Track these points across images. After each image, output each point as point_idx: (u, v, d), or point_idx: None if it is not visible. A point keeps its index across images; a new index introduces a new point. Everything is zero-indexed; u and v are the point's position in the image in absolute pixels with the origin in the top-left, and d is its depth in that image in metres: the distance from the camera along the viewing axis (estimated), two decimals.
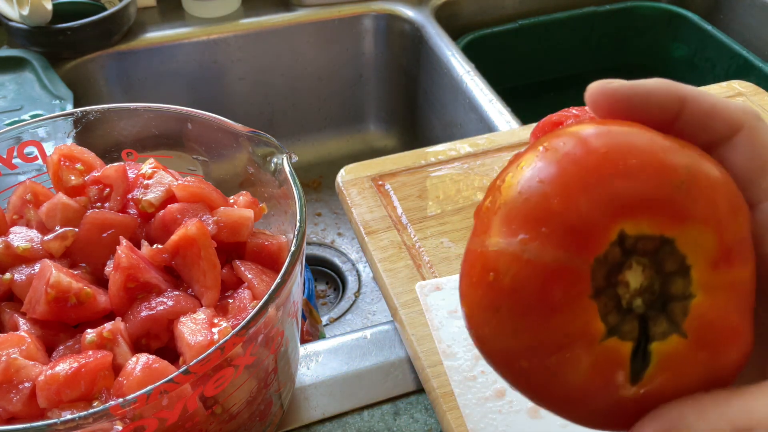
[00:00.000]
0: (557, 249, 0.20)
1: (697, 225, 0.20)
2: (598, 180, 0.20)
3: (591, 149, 0.20)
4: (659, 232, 0.20)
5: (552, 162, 0.21)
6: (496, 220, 0.21)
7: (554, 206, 0.20)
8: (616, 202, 0.19)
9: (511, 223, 0.21)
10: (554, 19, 1.00)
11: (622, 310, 0.20)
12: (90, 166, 0.44)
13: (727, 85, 0.72)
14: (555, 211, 0.20)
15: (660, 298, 0.20)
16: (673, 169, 0.20)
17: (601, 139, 0.21)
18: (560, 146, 0.21)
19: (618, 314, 0.20)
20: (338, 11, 0.95)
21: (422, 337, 0.47)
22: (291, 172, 0.41)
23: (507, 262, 0.20)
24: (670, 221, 0.20)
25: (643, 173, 0.20)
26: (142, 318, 0.36)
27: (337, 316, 0.82)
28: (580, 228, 0.20)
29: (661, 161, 0.20)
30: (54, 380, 0.33)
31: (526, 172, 0.21)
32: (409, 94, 1.01)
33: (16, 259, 0.39)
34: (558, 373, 0.20)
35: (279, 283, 0.34)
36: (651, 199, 0.19)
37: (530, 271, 0.20)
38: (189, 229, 0.38)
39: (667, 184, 0.20)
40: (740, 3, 1.00)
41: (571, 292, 0.20)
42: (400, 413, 0.46)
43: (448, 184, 0.60)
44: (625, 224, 0.20)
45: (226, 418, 0.36)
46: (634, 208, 0.19)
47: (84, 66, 0.85)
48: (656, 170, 0.20)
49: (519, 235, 0.20)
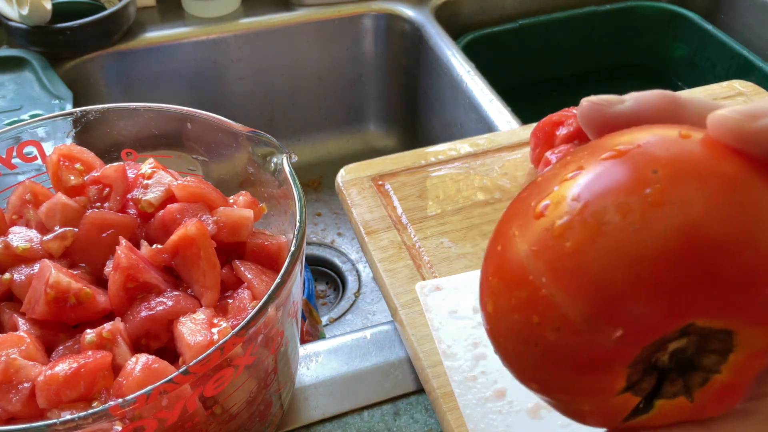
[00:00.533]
0: (618, 329, 0.18)
1: (763, 327, 0.19)
2: (680, 277, 0.18)
3: (699, 227, 0.18)
4: (726, 327, 0.19)
5: (648, 236, 0.18)
6: (561, 265, 0.19)
7: (627, 291, 0.18)
8: (698, 306, 0.18)
9: (570, 282, 0.18)
10: (554, 18, 1.00)
11: (649, 366, 0.19)
12: (89, 166, 0.43)
13: (727, 84, 0.72)
14: (628, 295, 0.18)
15: (688, 362, 0.20)
16: (756, 273, 0.18)
17: (714, 211, 0.18)
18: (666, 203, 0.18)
19: (642, 371, 0.19)
20: (338, 11, 0.95)
21: (422, 337, 0.47)
22: (291, 172, 0.41)
23: (559, 319, 0.19)
24: (742, 319, 0.18)
25: (729, 276, 0.18)
26: (141, 318, 0.36)
27: (337, 317, 0.82)
28: (649, 322, 0.18)
29: (752, 263, 0.18)
30: (53, 380, 0.33)
31: (614, 221, 0.18)
32: (409, 94, 1.01)
33: (16, 259, 0.39)
34: (561, 406, 0.21)
35: (279, 283, 0.34)
36: (731, 302, 0.18)
37: (579, 338, 0.19)
38: (189, 229, 0.38)
39: (750, 288, 0.18)
40: (741, 2, 1.00)
41: (612, 363, 0.19)
42: (400, 413, 0.46)
43: (448, 184, 0.60)
44: (697, 320, 0.18)
45: (225, 419, 0.36)
46: (712, 311, 0.18)
47: (83, 66, 0.85)
48: (746, 274, 0.18)
49: (578, 301, 0.18)
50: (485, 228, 0.56)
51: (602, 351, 0.18)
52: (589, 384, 0.19)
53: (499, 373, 0.45)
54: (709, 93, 0.71)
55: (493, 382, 0.45)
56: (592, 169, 0.19)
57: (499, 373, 0.45)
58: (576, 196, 0.19)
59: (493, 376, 0.45)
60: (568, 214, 0.19)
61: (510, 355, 0.21)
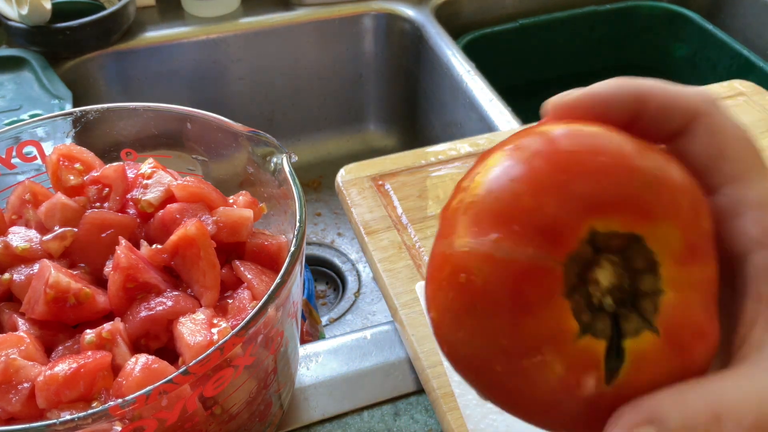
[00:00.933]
0: (530, 247, 0.20)
1: (664, 222, 0.20)
2: (568, 178, 0.20)
3: (560, 148, 0.21)
4: (629, 230, 0.20)
5: (522, 161, 0.21)
6: (464, 220, 0.21)
7: (526, 204, 0.20)
8: (587, 200, 0.20)
9: (482, 222, 0.20)
10: (554, 18, 1.00)
11: (594, 308, 0.20)
12: (89, 165, 0.43)
13: (728, 84, 0.72)
14: (527, 209, 0.20)
15: (630, 296, 0.20)
16: (640, 169, 0.20)
17: (569, 138, 0.21)
18: (529, 145, 0.21)
19: (591, 312, 0.20)
20: (338, 10, 0.94)
21: (422, 337, 0.47)
22: (291, 171, 0.41)
23: (479, 261, 0.20)
24: (639, 219, 0.20)
25: (612, 172, 0.20)
26: (141, 318, 0.36)
27: (337, 317, 0.82)
28: (553, 225, 0.20)
29: (628, 162, 0.20)
30: (53, 381, 0.33)
31: (495, 170, 0.21)
32: (409, 94, 1.01)
33: (15, 259, 0.39)
34: (533, 375, 0.20)
35: (279, 284, 0.34)
36: (620, 197, 0.20)
37: (503, 269, 0.20)
38: (188, 229, 0.38)
39: (635, 184, 0.20)
40: (741, 2, 1.00)
41: (545, 290, 0.20)
42: (400, 414, 0.46)
43: (448, 183, 0.60)
44: (595, 222, 0.20)
45: (225, 419, 0.36)
46: (604, 207, 0.20)
47: (83, 65, 0.85)
48: (624, 170, 0.20)
49: (490, 234, 0.20)
50: None
51: (526, 273, 0.20)
52: (538, 326, 0.20)
53: None
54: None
55: None
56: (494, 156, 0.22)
57: None
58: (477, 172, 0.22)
59: None
60: (470, 180, 0.22)
61: (458, 345, 0.21)
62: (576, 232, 0.20)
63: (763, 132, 0.66)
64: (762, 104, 0.69)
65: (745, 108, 0.69)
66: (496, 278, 0.20)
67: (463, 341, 0.21)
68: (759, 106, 0.69)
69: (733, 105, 0.69)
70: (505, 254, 0.20)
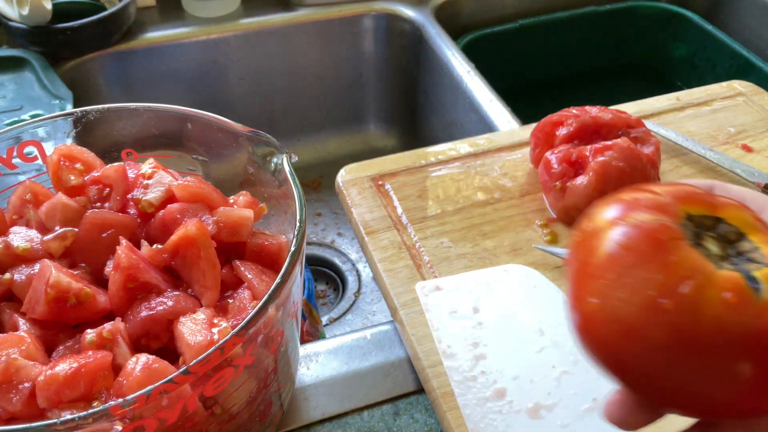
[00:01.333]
0: (652, 214, 0.27)
1: (730, 210, 0.28)
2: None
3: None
4: (712, 213, 0.28)
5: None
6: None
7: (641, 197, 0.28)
8: (679, 196, 0.28)
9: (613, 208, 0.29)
10: (554, 18, 1.00)
11: (717, 257, 0.26)
12: (90, 166, 0.44)
13: (727, 85, 0.72)
14: (641, 199, 0.28)
15: (738, 257, 0.27)
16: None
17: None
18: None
19: (717, 258, 0.26)
20: (338, 11, 0.95)
21: (422, 337, 0.47)
22: (291, 172, 0.41)
23: (620, 227, 0.27)
24: (713, 210, 0.28)
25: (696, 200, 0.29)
26: (141, 318, 0.36)
27: (337, 316, 0.82)
28: (661, 204, 0.28)
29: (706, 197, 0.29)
30: (54, 380, 0.33)
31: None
32: (409, 94, 1.01)
33: (16, 259, 0.39)
34: (695, 300, 0.25)
35: (279, 283, 0.34)
36: (700, 202, 0.28)
37: (641, 229, 0.27)
38: (189, 229, 0.38)
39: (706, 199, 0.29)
40: (741, 3, 1.00)
41: (676, 237, 0.26)
42: (400, 413, 0.46)
43: (448, 184, 0.60)
44: (687, 207, 0.28)
45: (225, 419, 0.36)
46: (690, 201, 0.28)
47: (84, 66, 0.85)
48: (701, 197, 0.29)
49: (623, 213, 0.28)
50: (485, 228, 0.56)
51: (659, 230, 0.26)
52: (684, 262, 0.25)
53: (498, 373, 0.45)
54: (709, 93, 0.71)
55: (493, 382, 0.45)
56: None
57: (498, 372, 0.45)
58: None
59: (492, 376, 0.45)
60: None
61: (623, 300, 0.26)
62: (677, 210, 0.27)
63: (763, 132, 0.66)
64: (761, 104, 0.69)
65: (744, 108, 0.69)
66: (638, 234, 0.27)
67: (625, 299, 0.26)
68: (758, 106, 0.69)
69: (733, 105, 0.69)
70: (637, 221, 0.27)
